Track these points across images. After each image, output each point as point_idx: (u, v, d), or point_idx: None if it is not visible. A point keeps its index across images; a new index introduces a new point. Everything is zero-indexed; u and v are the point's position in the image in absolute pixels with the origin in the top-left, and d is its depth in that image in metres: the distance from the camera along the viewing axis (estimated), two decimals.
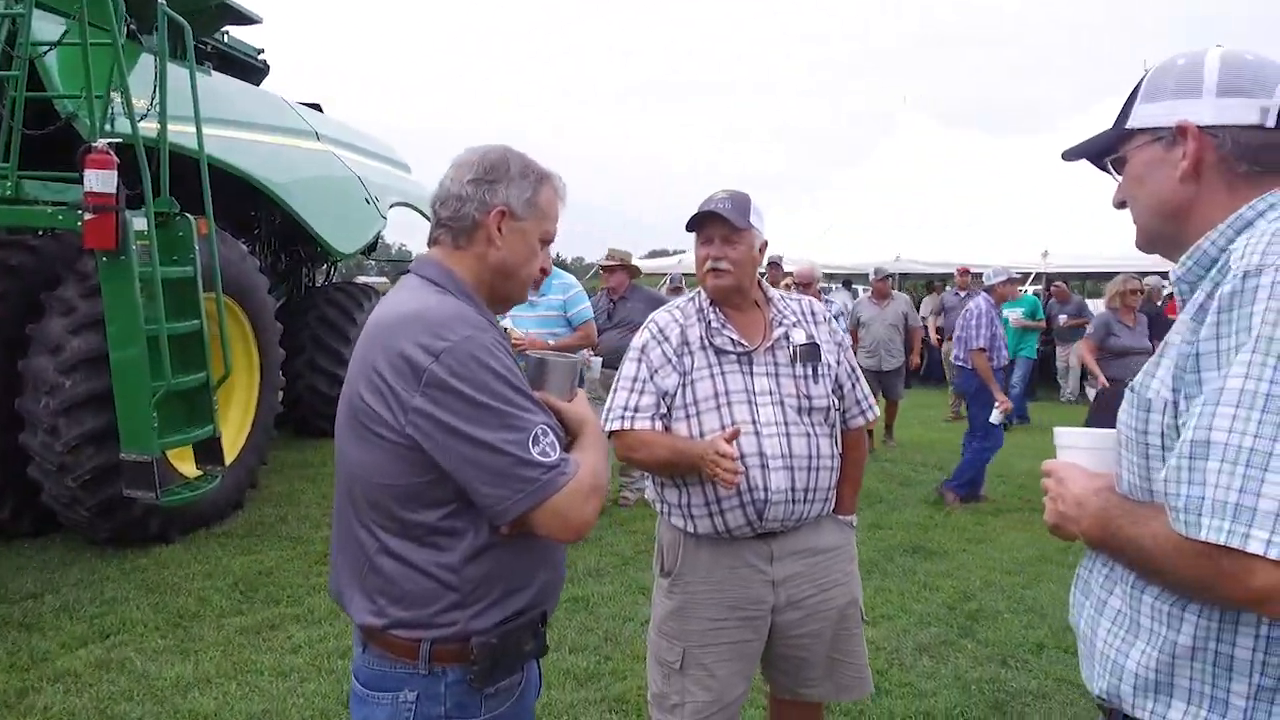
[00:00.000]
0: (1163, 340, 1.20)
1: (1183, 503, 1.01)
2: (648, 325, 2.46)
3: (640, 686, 3.55)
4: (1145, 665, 1.15)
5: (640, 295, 6.69)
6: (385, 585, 1.48)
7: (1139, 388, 1.19)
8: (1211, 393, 1.02)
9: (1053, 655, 3.95)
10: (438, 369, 1.39)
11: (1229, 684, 1.08)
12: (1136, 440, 1.17)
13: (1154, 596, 1.15)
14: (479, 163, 1.57)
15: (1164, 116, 1.23)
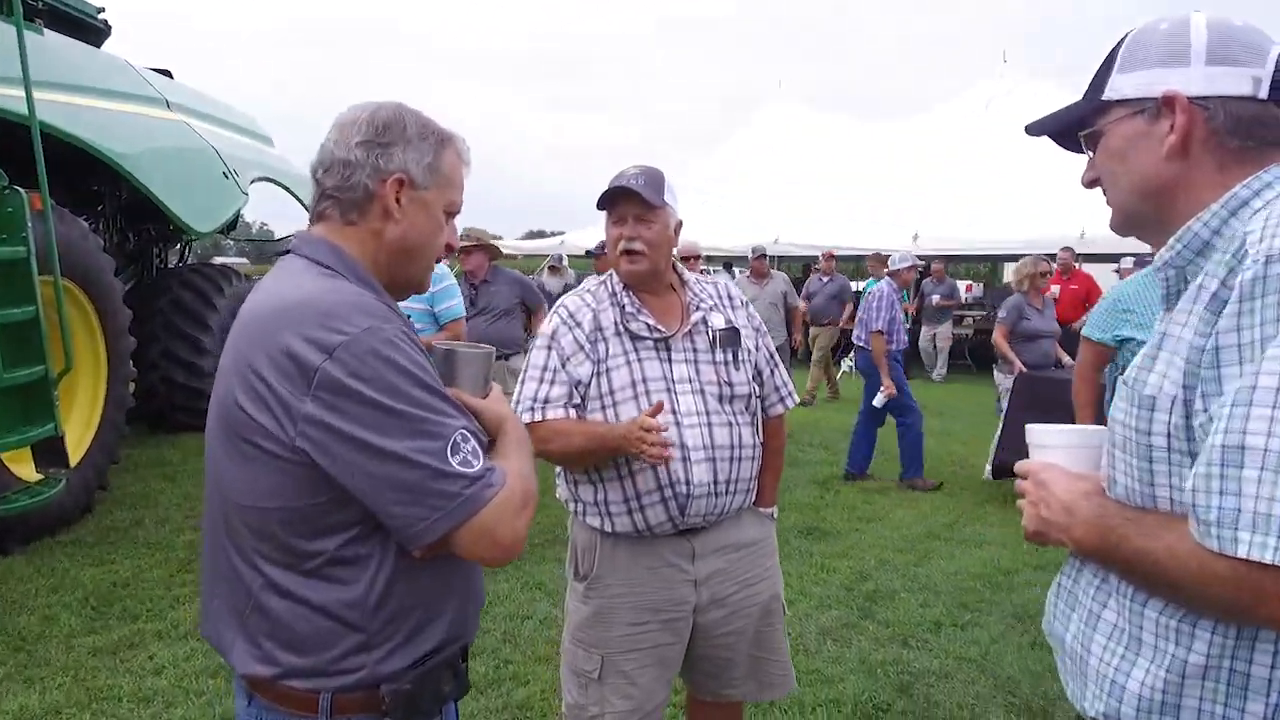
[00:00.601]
0: (1156, 329, 1.11)
1: (1214, 515, 0.90)
2: (557, 310, 2.28)
3: (544, 691, 3.39)
4: (1150, 686, 1.05)
5: (504, 278, 6.24)
6: (274, 628, 1.25)
7: (1134, 383, 1.08)
8: (1241, 392, 0.91)
9: (950, 633, 4.01)
10: (332, 368, 1.16)
11: (1243, 704, 0.99)
12: (1137, 441, 1.06)
13: (1158, 611, 1.05)
14: (368, 121, 1.33)
15: (1148, 87, 1.11)
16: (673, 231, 2.26)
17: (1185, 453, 1.01)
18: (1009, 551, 5.21)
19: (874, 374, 6.75)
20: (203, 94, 8.64)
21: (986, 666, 3.67)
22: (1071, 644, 1.19)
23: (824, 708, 3.27)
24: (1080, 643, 1.16)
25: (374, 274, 1.35)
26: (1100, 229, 11.01)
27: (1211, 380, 0.96)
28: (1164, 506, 1.04)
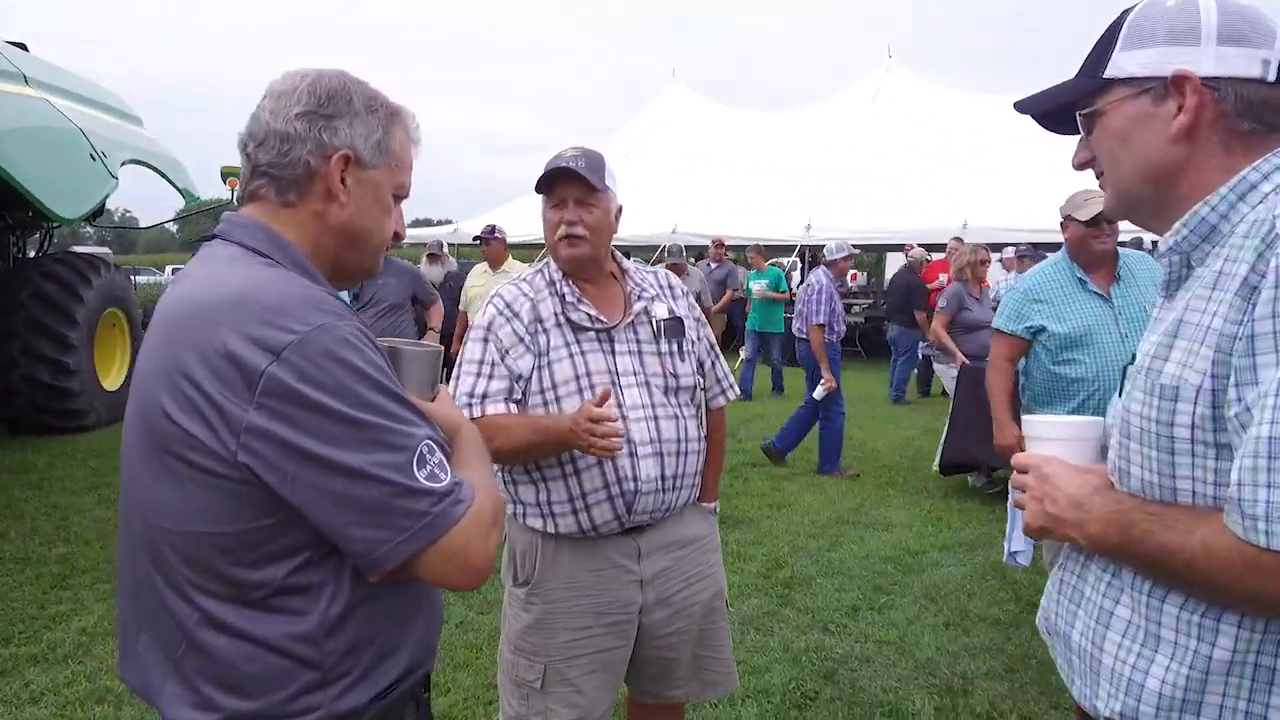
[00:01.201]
0: (1168, 318, 1.07)
1: (1263, 509, 0.87)
2: (493, 301, 2.15)
3: (466, 699, 3.26)
4: (1172, 683, 1.02)
5: (394, 269, 5.94)
6: (214, 668, 1.10)
7: (1149, 373, 1.05)
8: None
9: (868, 617, 4.07)
10: (281, 372, 1.02)
11: (1268, 698, 0.97)
12: (1157, 433, 1.03)
13: (1179, 606, 1.02)
14: (309, 91, 1.19)
15: (1155, 65, 1.08)
16: (614, 217, 2.17)
17: (1211, 444, 0.98)
18: (914, 533, 5.35)
19: (815, 366, 6.72)
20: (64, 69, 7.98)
21: (905, 648, 3.74)
22: (1079, 642, 1.16)
23: (754, 699, 3.26)
24: (1090, 640, 1.13)
25: (315, 262, 1.21)
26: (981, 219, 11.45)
27: (1246, 369, 0.93)
28: (1185, 500, 1.02)
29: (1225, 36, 1.05)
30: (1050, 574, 1.27)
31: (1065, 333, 3.29)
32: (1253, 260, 0.97)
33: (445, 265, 9.65)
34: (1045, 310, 3.40)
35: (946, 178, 13.29)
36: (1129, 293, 3.26)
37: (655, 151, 17.46)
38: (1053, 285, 3.40)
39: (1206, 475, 0.99)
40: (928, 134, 14.72)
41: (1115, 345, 3.22)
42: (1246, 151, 1.05)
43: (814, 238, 13.65)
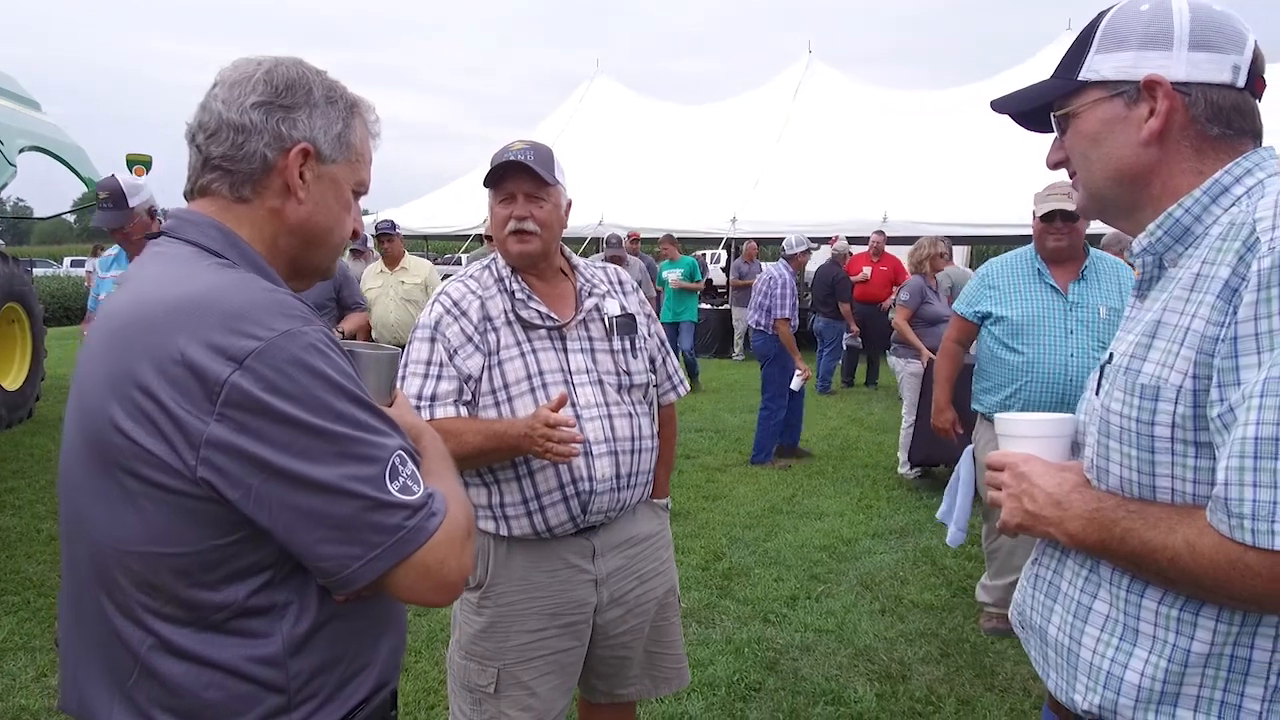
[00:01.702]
0: (1143, 318, 1.09)
1: (1249, 509, 0.89)
2: (438, 299, 2.09)
3: (406, 705, 3.18)
4: (1150, 676, 1.04)
5: None
6: (170, 696, 1.03)
7: (1128, 372, 1.06)
8: (1270, 382, 0.90)
9: (805, 606, 4.13)
10: (244, 381, 0.96)
11: (1243, 688, 1.00)
12: (1138, 432, 1.04)
13: (1157, 601, 1.04)
14: (266, 80, 1.13)
15: (1129, 69, 1.10)
16: (564, 212, 2.13)
17: (1191, 443, 1.00)
18: (846, 522, 5.45)
19: (773, 357, 6.79)
20: None
21: (844, 636, 3.80)
22: (1056, 636, 1.17)
23: (699, 692, 3.27)
24: (1068, 635, 1.15)
25: (272, 261, 1.15)
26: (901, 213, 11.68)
27: (1229, 370, 0.95)
28: (1164, 497, 1.03)
29: (1197, 42, 1.07)
30: (1024, 569, 1.28)
31: (1010, 319, 3.36)
32: (1234, 263, 0.98)
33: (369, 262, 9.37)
34: (995, 296, 3.48)
35: (866, 172, 13.56)
36: (1088, 293, 3.30)
37: (581, 143, 17.36)
38: (1008, 273, 3.47)
39: (1186, 473, 1.01)
40: (848, 129, 15.00)
41: (1057, 340, 3.27)
42: (1216, 155, 1.08)
43: (740, 230, 13.79)
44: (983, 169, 12.19)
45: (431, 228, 17.40)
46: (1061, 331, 3.28)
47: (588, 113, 18.80)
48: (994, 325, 3.44)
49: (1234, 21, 1.08)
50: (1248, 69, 1.07)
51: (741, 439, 7.77)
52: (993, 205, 11.37)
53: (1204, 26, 1.07)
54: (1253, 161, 1.07)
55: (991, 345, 3.46)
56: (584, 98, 19.47)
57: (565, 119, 18.91)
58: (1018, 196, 10.91)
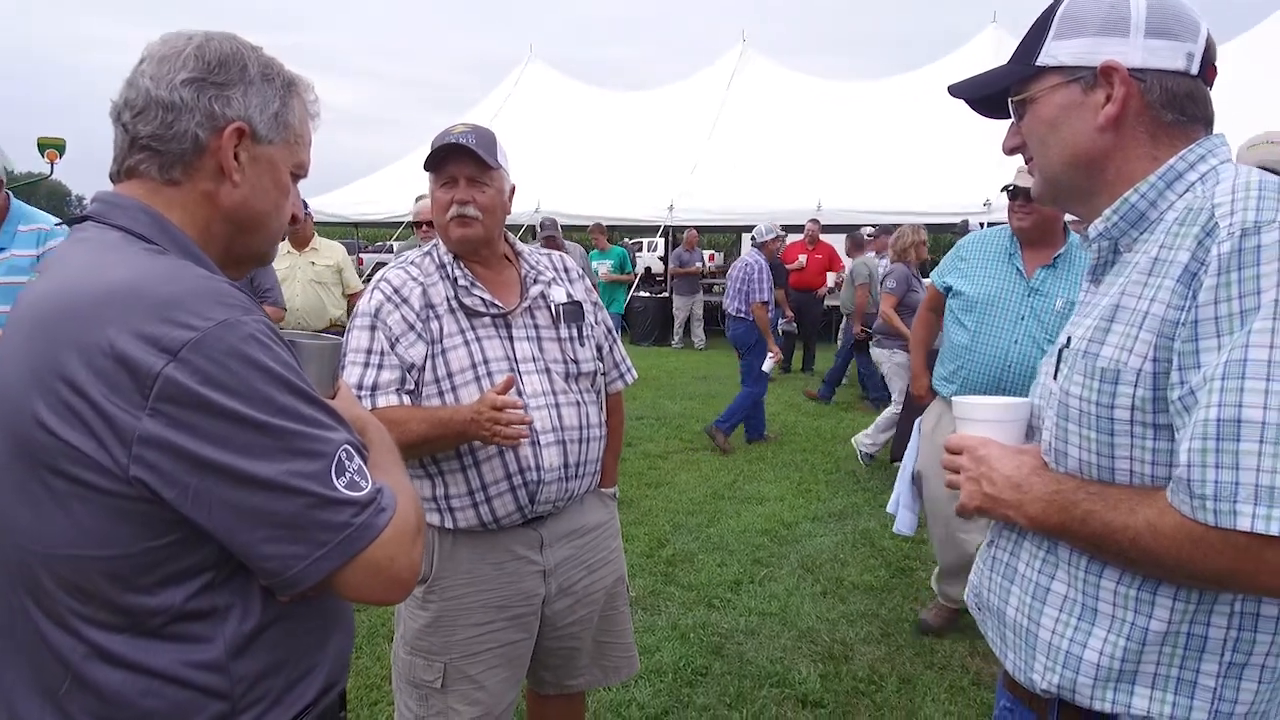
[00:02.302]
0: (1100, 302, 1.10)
1: (1212, 489, 0.91)
2: (378, 286, 2.03)
3: (349, 703, 3.10)
4: (1109, 654, 1.06)
5: None
6: (105, 707, 0.98)
7: (1086, 355, 1.07)
8: (1231, 365, 0.91)
9: (749, 590, 4.16)
10: (179, 374, 0.91)
11: (1199, 665, 1.03)
12: (1097, 415, 1.05)
13: (1115, 581, 1.06)
14: (197, 55, 1.07)
15: (1086, 55, 1.10)
16: (507, 197, 2.08)
17: (1150, 425, 1.01)
18: (787, 506, 5.51)
19: (753, 344, 6.96)
20: None
21: (787, 619, 3.84)
22: (1014, 617, 1.18)
23: (646, 679, 3.27)
24: (1026, 615, 1.16)
25: (206, 248, 1.09)
26: (834, 201, 11.82)
27: (1190, 354, 0.96)
28: (1123, 479, 1.05)
29: (1153, 29, 1.08)
30: (979, 551, 1.30)
31: (968, 294, 3.29)
32: (1193, 248, 0.99)
33: None
34: (963, 270, 3.38)
35: (800, 160, 13.70)
36: (1053, 282, 3.17)
37: (516, 128, 17.12)
38: (980, 248, 3.37)
39: (1145, 455, 1.02)
40: (782, 117, 15.12)
41: (1007, 324, 3.17)
42: (1170, 141, 1.09)
43: (677, 218, 13.82)
44: (914, 158, 12.44)
45: (362, 215, 17.02)
46: (1013, 317, 3.17)
47: (521, 98, 18.57)
48: (953, 299, 3.37)
49: (1188, 9, 1.10)
50: (1201, 57, 1.08)
51: (682, 426, 7.80)
52: (924, 193, 11.60)
53: (1160, 14, 1.08)
54: (1205, 148, 1.09)
55: (948, 319, 3.42)
56: (518, 82, 19.23)
57: (498, 104, 18.65)
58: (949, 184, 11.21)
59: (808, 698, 3.16)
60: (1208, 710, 1.02)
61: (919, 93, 13.18)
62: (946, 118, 9.49)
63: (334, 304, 5.33)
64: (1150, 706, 1.04)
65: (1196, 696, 1.03)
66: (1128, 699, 1.05)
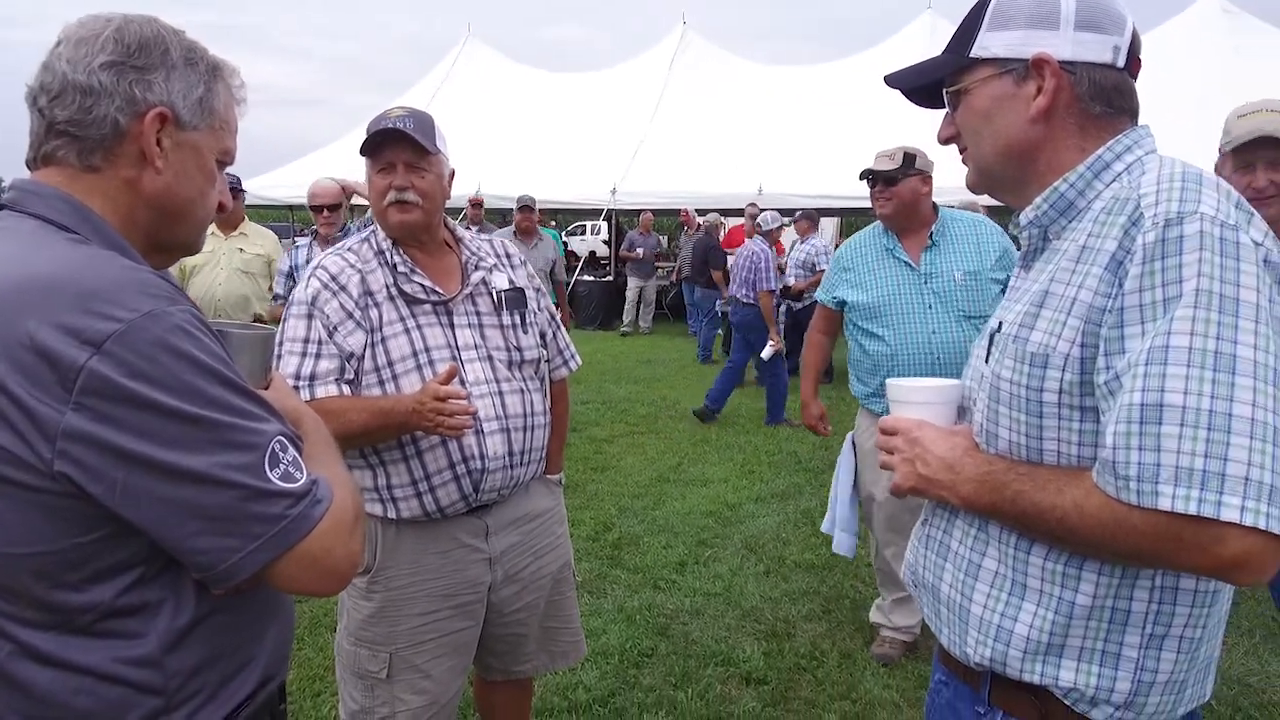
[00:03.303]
0: (1030, 288, 1.13)
1: (1135, 470, 0.94)
2: (315, 273, 1.99)
3: (290, 694, 3.07)
4: (1038, 628, 1.10)
5: None
6: (34, 707, 0.96)
7: (1017, 340, 1.10)
8: (1154, 351, 0.94)
9: (694, 571, 4.21)
10: (103, 367, 0.89)
11: (1122, 637, 1.07)
12: (1026, 398, 1.08)
13: (1043, 557, 1.10)
14: (116, 38, 1.04)
15: (1018, 47, 1.13)
16: (446, 182, 2.06)
17: (1076, 408, 1.05)
18: (730, 487, 5.58)
19: (752, 328, 7.26)
20: None
21: (731, 599, 3.90)
22: (948, 593, 1.22)
23: (593, 661, 3.29)
24: (959, 591, 1.19)
25: (129, 237, 1.06)
26: (776, 185, 11.90)
27: (1115, 339, 0.99)
28: (1051, 460, 1.08)
29: (1082, 23, 1.11)
30: (914, 530, 1.33)
31: (866, 303, 3.12)
32: (1119, 237, 1.02)
33: None
34: (850, 279, 3.22)
35: (741, 145, 13.77)
36: (939, 260, 3.07)
37: (455, 110, 16.86)
38: (860, 253, 3.23)
39: (1071, 437, 1.06)
40: (722, 101, 15.16)
41: (917, 315, 3.05)
42: (1098, 132, 1.13)
43: (619, 202, 13.78)
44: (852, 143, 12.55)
45: (297, 198, 16.59)
46: (919, 308, 3.05)
47: (459, 79, 18.27)
48: (852, 312, 3.20)
49: (1115, 4, 1.13)
50: (1127, 50, 1.12)
51: (628, 410, 7.82)
52: None
53: (1089, 7, 1.11)
54: (1132, 139, 1.12)
55: (852, 333, 3.24)
56: (455, 63, 18.92)
57: (436, 85, 18.33)
58: None
59: (752, 675, 3.22)
60: (1130, 680, 1.07)
61: (856, 78, 13.31)
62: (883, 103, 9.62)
63: (260, 297, 4.78)
64: (1076, 678, 1.08)
65: (1120, 668, 1.07)
66: (1055, 671, 1.09)
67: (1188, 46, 12.61)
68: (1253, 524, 0.88)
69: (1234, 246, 0.95)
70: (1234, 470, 0.89)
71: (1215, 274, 0.94)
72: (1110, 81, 1.12)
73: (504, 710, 2.38)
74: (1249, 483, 0.89)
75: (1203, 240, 0.95)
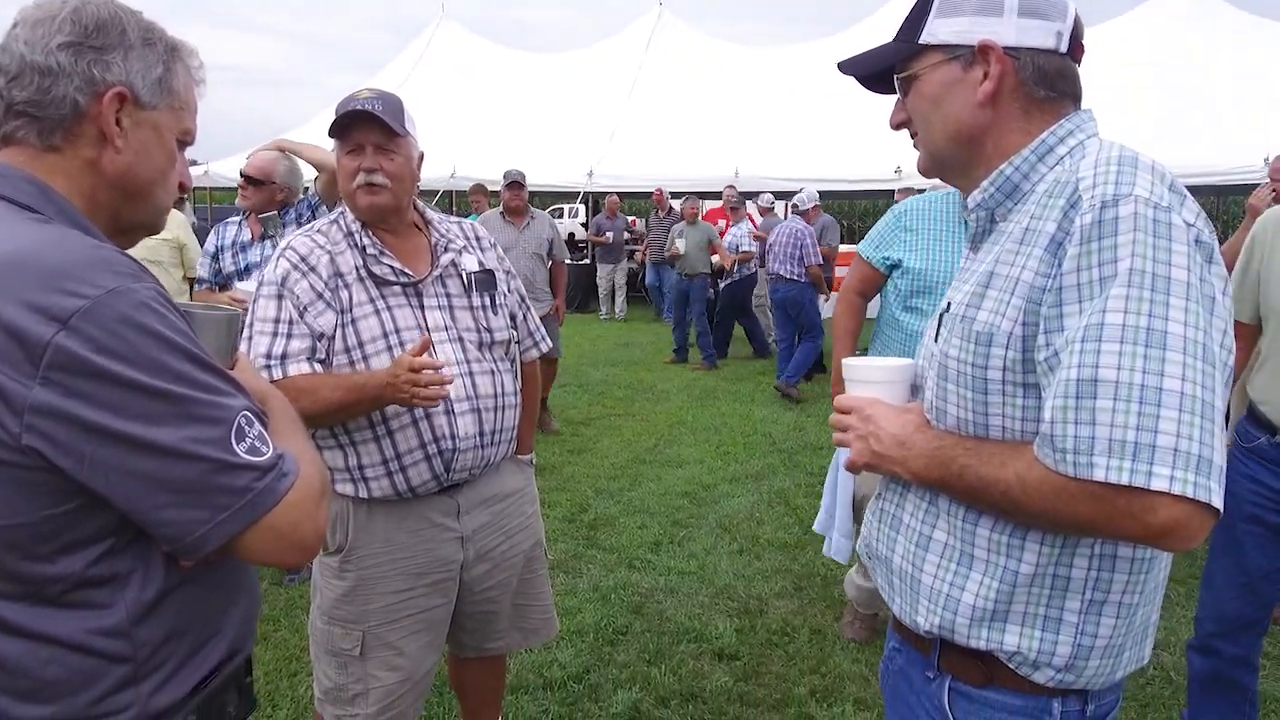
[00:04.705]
0: (978, 269, 1.17)
1: (1071, 444, 0.97)
2: (284, 254, 1.99)
3: (267, 673, 3.10)
4: (983, 596, 1.14)
5: None
6: (5, 677, 0.98)
7: (964, 320, 1.14)
8: (1090, 329, 0.98)
9: (669, 550, 4.26)
10: (70, 342, 0.91)
11: (1063, 603, 1.11)
12: (972, 375, 1.12)
13: (989, 529, 1.14)
14: (73, 19, 1.05)
15: (964, 34, 1.15)
16: (415, 164, 2.07)
17: (1019, 384, 1.09)
18: (706, 468, 5.63)
19: (807, 303, 7.83)
20: None
21: (705, 577, 3.96)
22: (900, 564, 1.26)
23: (568, 640, 3.33)
24: (910, 562, 1.24)
25: (92, 217, 1.08)
26: (751, 169, 11.83)
27: (1054, 318, 1.03)
28: (996, 435, 1.12)
29: (1025, 9, 1.14)
30: (869, 504, 1.37)
31: (921, 270, 2.83)
32: (1059, 219, 1.05)
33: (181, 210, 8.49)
34: (910, 242, 2.88)
35: (718, 126, 13.76)
36: None
37: (428, 91, 16.72)
38: (930, 218, 2.88)
39: (1015, 412, 1.10)
40: (699, 83, 15.12)
41: None
42: (1043, 116, 1.16)
43: (596, 184, 13.74)
44: (829, 125, 12.60)
45: None
46: None
47: (433, 60, 18.10)
48: (901, 278, 2.89)
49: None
50: (1069, 35, 1.15)
51: (604, 393, 7.86)
52: (839, 161, 11.80)
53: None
54: (1074, 123, 1.16)
55: (892, 302, 2.93)
56: (430, 43, 18.74)
57: (409, 65, 18.16)
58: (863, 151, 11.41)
59: (724, 651, 3.28)
60: (1071, 644, 1.12)
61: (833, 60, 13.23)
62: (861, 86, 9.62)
63: (172, 288, 4.34)
64: (1020, 643, 1.13)
65: (1061, 632, 1.12)
66: (1000, 636, 1.14)
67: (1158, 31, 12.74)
68: (1181, 493, 0.92)
69: (1166, 227, 0.98)
70: (1164, 442, 0.93)
71: (1148, 254, 0.97)
72: (1053, 66, 1.15)
73: (477, 687, 2.42)
74: (1178, 454, 0.93)
75: (1136, 221, 0.98)
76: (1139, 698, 3.00)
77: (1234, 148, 9.65)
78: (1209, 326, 0.97)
